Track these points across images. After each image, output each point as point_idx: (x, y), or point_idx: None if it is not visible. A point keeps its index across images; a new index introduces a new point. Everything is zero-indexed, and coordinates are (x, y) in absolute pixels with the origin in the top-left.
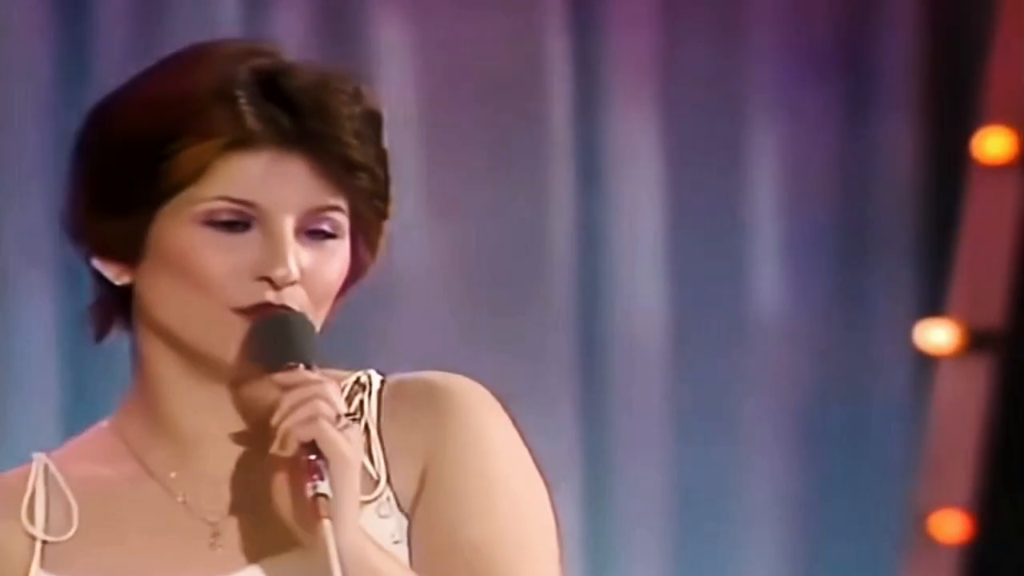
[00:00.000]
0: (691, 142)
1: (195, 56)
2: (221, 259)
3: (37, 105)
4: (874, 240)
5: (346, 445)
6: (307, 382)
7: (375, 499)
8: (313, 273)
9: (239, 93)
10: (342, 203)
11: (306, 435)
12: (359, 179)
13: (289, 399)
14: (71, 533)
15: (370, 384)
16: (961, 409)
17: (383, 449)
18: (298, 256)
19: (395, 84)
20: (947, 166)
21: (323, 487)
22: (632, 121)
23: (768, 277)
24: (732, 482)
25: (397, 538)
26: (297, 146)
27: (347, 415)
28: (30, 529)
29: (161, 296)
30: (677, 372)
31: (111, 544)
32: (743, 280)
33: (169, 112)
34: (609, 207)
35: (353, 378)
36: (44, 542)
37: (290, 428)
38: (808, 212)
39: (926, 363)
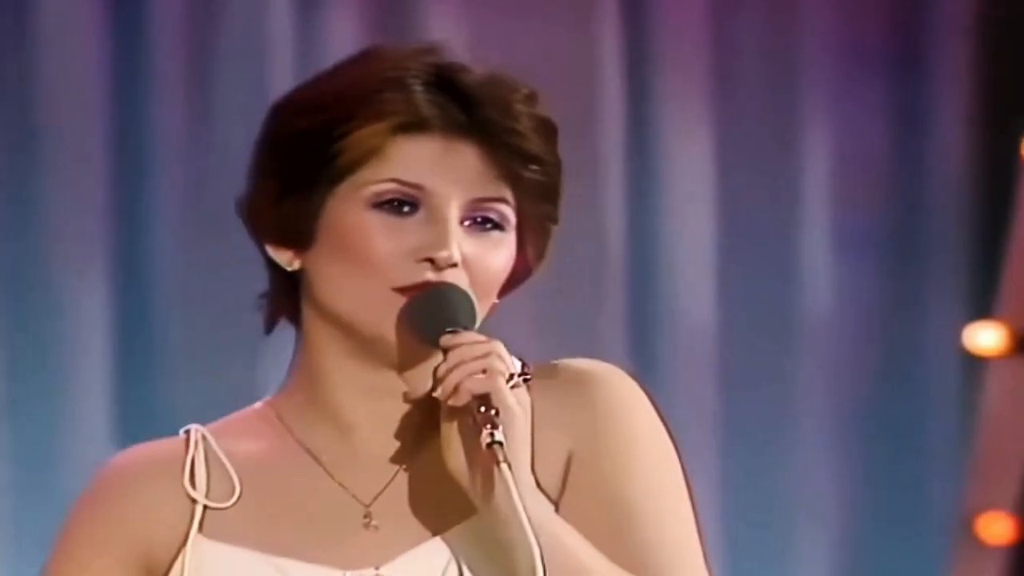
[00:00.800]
0: (742, 143)
1: (372, 52)
2: (386, 240)
3: (92, 106)
4: (924, 242)
5: (516, 403)
6: (477, 340)
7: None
8: (476, 261)
9: (412, 81)
10: (509, 196)
11: (480, 388)
12: (531, 171)
13: (459, 353)
14: (233, 500)
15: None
16: (1010, 411)
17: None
18: (461, 242)
19: None
20: (997, 168)
21: (499, 435)
22: (683, 123)
23: (818, 278)
24: (780, 481)
25: None
26: (469, 134)
27: (519, 375)
28: (192, 493)
29: (328, 279)
30: (727, 372)
31: (268, 518)
32: (793, 281)
33: (343, 98)
34: (661, 208)
35: None
36: (205, 507)
37: (462, 379)
38: (858, 214)
39: (975, 365)
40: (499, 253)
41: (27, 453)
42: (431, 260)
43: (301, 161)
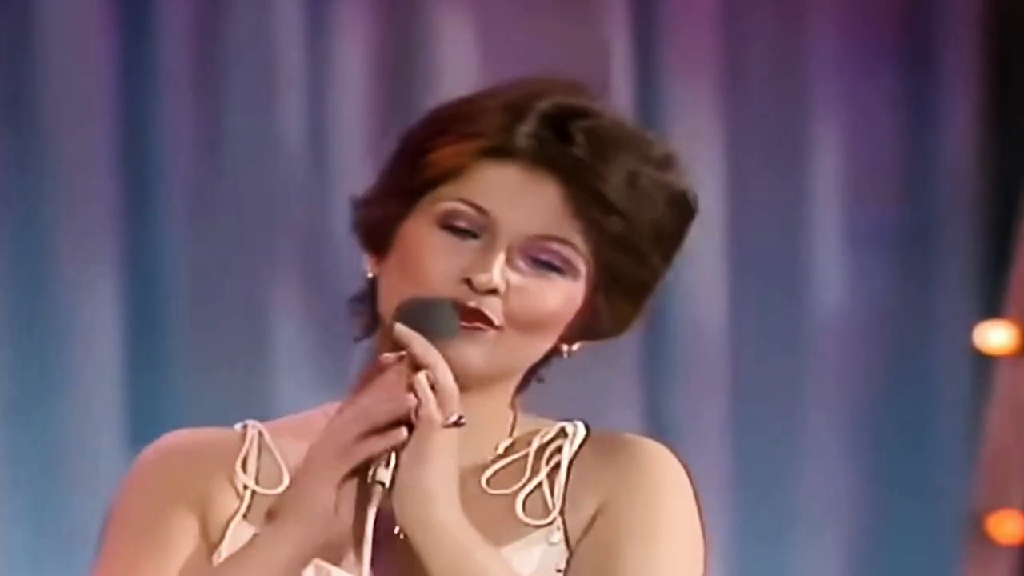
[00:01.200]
0: (752, 141)
1: (517, 79)
2: (439, 261)
3: (101, 105)
4: (934, 241)
5: (437, 415)
6: (426, 348)
7: (546, 525)
8: (520, 295)
9: (525, 111)
10: (580, 242)
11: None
12: (609, 222)
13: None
14: (281, 488)
15: (575, 432)
16: (1019, 410)
17: (566, 486)
18: (510, 273)
19: (458, 76)
20: (1009, 164)
21: (382, 474)
22: (693, 120)
23: (828, 277)
24: (792, 480)
25: (560, 567)
26: (551, 168)
27: (460, 420)
28: (243, 479)
29: (387, 289)
30: (737, 370)
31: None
32: (803, 280)
33: (455, 113)
34: None
35: (558, 426)
36: (253, 493)
37: (412, 342)
38: (868, 213)
39: (985, 364)
40: (551, 295)
41: (38, 451)
42: (469, 281)
43: (399, 169)
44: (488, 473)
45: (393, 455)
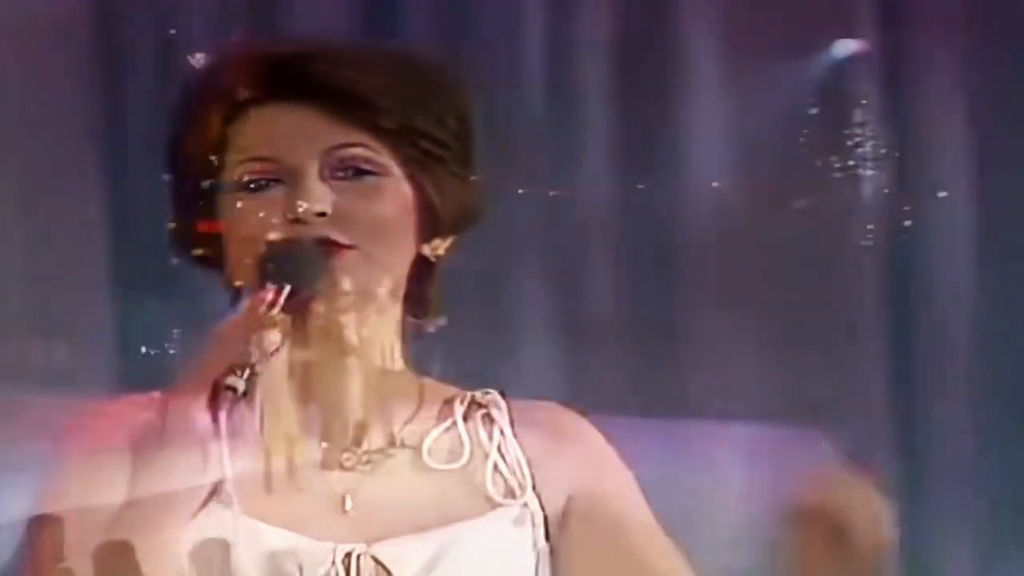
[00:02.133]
0: (1001, 134)
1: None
2: (263, 217)
3: None
4: None
5: None
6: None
7: (517, 500)
8: (347, 208)
9: (268, 60)
10: (367, 140)
11: None
12: (374, 115)
13: None
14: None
15: (498, 401)
16: None
17: (524, 458)
18: (328, 194)
19: (701, 75)
20: None
21: (234, 382)
22: (940, 112)
23: None
24: None
25: (538, 537)
26: (300, 93)
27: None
28: None
29: (235, 267)
30: (988, 368)
31: (262, 492)
32: None
33: (198, 90)
34: (922, 204)
35: (469, 395)
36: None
37: None
38: None
39: None
40: (377, 196)
41: None
42: (297, 220)
43: (179, 176)
44: (428, 444)
45: (248, 369)
